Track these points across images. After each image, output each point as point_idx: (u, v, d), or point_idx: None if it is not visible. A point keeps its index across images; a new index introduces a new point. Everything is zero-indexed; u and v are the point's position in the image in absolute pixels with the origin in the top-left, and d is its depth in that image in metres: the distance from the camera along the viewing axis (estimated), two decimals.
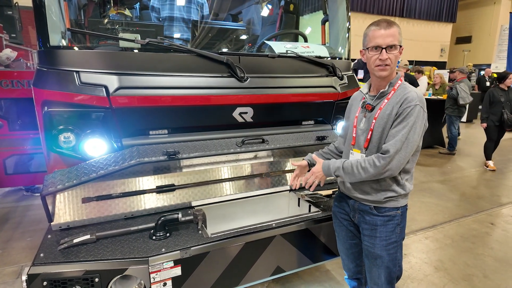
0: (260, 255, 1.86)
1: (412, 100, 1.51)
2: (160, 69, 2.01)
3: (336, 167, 1.63)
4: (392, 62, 1.54)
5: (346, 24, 2.83)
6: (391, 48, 1.51)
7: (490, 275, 2.91)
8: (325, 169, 1.68)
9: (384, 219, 1.63)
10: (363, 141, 1.64)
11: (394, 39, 1.51)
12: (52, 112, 1.81)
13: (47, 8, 1.85)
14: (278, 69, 2.37)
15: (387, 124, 1.55)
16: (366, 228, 1.68)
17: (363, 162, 1.55)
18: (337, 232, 1.91)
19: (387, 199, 1.61)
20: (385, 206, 1.62)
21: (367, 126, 1.63)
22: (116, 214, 1.91)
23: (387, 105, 1.57)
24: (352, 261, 1.89)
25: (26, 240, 3.33)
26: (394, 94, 1.57)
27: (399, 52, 1.55)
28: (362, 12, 15.45)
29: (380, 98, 1.62)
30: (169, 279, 1.61)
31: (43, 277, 1.46)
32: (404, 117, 1.50)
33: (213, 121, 2.21)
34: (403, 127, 1.50)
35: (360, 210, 1.69)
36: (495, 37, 18.92)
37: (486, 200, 4.70)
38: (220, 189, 2.21)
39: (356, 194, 1.68)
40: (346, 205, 1.79)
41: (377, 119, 1.58)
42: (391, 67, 1.55)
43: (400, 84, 1.61)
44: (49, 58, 1.88)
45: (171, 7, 2.96)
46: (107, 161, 1.82)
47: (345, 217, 1.82)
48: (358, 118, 1.70)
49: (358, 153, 1.68)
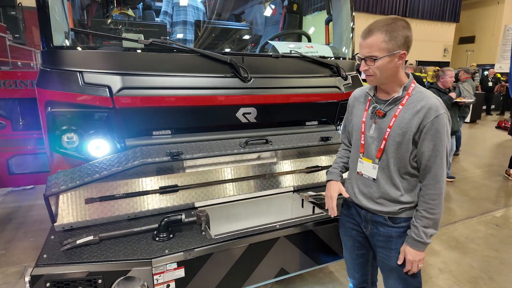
0: (264, 257, 1.84)
1: (437, 109, 1.38)
2: (163, 69, 2.00)
3: (428, 235, 1.44)
4: (376, 73, 1.42)
5: (350, 24, 2.81)
6: (370, 59, 1.40)
7: (496, 277, 2.88)
8: (419, 246, 1.46)
9: (399, 230, 1.53)
10: (375, 151, 1.53)
11: (371, 50, 1.39)
12: (56, 113, 1.81)
13: (51, 9, 1.84)
14: (282, 69, 2.35)
15: (406, 135, 1.42)
16: (380, 239, 1.59)
17: (427, 209, 1.43)
18: (344, 241, 1.83)
19: (402, 209, 1.51)
20: (400, 217, 1.52)
21: (379, 135, 1.50)
22: (119, 215, 1.90)
23: (403, 112, 1.44)
24: (357, 271, 1.82)
25: (29, 240, 3.33)
26: (410, 99, 1.44)
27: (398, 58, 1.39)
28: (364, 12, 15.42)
29: (393, 103, 1.48)
30: (173, 281, 1.60)
31: (46, 278, 1.45)
32: (434, 133, 1.38)
33: (216, 121, 2.20)
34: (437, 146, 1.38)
35: (373, 221, 1.59)
36: (499, 37, 18.82)
37: (491, 201, 4.66)
38: (224, 190, 2.20)
39: (368, 205, 1.58)
40: (356, 215, 1.69)
41: (392, 128, 1.45)
42: (378, 78, 1.44)
43: (414, 87, 1.47)
44: (52, 58, 1.88)
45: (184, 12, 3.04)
46: (110, 162, 1.81)
47: (353, 227, 1.73)
48: (366, 123, 1.57)
49: (368, 163, 1.56)
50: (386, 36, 1.36)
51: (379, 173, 1.53)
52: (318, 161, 2.51)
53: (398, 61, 1.41)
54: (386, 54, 1.38)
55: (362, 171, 1.61)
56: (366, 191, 1.59)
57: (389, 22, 1.38)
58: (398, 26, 1.37)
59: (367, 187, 1.59)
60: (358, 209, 1.67)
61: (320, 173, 2.50)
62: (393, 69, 1.42)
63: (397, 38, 1.37)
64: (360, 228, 1.70)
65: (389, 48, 1.37)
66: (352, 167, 1.70)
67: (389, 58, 1.39)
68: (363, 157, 1.59)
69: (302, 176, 2.44)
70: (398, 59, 1.40)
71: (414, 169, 1.48)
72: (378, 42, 1.37)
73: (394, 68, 1.42)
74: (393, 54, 1.38)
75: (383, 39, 1.37)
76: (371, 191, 1.57)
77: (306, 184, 2.44)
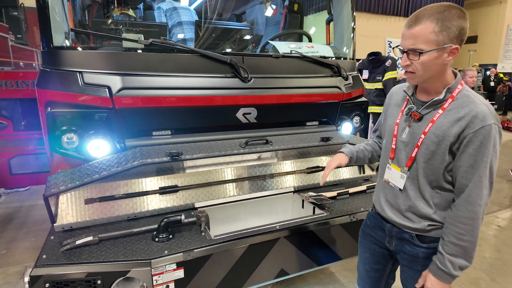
0: (264, 258, 1.84)
1: (485, 118, 1.15)
2: (164, 69, 2.00)
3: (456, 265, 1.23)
4: (419, 69, 1.20)
5: (351, 24, 2.80)
6: (414, 53, 1.18)
7: (498, 278, 2.86)
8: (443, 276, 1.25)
9: (428, 251, 1.34)
10: (405, 158, 1.35)
11: (417, 41, 1.17)
12: (55, 113, 1.81)
13: (51, 9, 1.85)
14: (282, 69, 2.35)
15: (441, 144, 1.23)
16: (405, 258, 1.42)
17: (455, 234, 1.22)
18: (361, 251, 1.67)
19: (433, 227, 1.32)
20: (430, 236, 1.33)
21: (412, 140, 1.32)
22: (119, 215, 1.90)
23: (442, 118, 1.24)
24: (368, 284, 1.67)
25: (30, 240, 3.34)
26: (453, 103, 1.23)
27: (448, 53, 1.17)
28: (366, 12, 15.36)
29: (433, 106, 1.28)
30: (172, 282, 1.60)
31: (46, 278, 1.45)
32: (478, 146, 1.16)
33: (216, 121, 2.19)
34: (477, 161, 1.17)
35: (399, 238, 1.42)
36: (501, 36, 18.72)
37: (493, 202, 4.63)
38: (224, 190, 2.19)
39: (394, 218, 1.41)
40: (380, 229, 1.52)
41: (427, 134, 1.26)
42: (419, 76, 1.22)
43: (460, 90, 1.24)
44: (52, 58, 1.88)
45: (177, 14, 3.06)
46: (110, 162, 1.81)
47: (375, 241, 1.56)
48: (399, 126, 1.39)
49: (397, 171, 1.38)
50: (437, 26, 1.14)
51: (407, 184, 1.36)
52: (318, 162, 2.50)
53: (447, 58, 1.18)
54: (434, 48, 1.16)
55: (389, 179, 1.44)
56: (393, 202, 1.43)
57: (441, 9, 1.15)
58: (453, 15, 1.14)
59: (394, 198, 1.42)
60: (383, 222, 1.50)
61: (320, 174, 2.49)
62: (440, 67, 1.20)
63: (450, 29, 1.14)
64: (382, 243, 1.53)
65: (439, 41, 1.15)
66: (380, 173, 1.53)
67: (437, 53, 1.16)
68: (392, 163, 1.42)
69: (302, 177, 2.43)
70: (448, 54, 1.18)
71: (449, 183, 1.29)
72: (426, 33, 1.15)
73: (441, 66, 1.20)
74: (442, 48, 1.16)
75: (433, 29, 1.14)
76: (398, 202, 1.40)
77: (307, 185, 2.43)
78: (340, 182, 2.55)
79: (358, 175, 2.62)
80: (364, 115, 2.74)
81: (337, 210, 2.11)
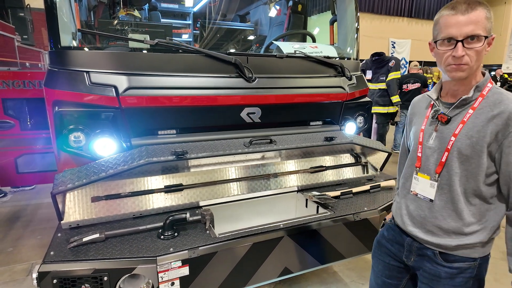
0: (268, 256, 1.85)
1: None
2: (169, 69, 2.02)
3: None
4: (472, 61, 1.11)
5: (355, 24, 2.81)
6: (473, 40, 1.08)
7: (501, 279, 2.85)
8: None
9: (451, 271, 1.22)
10: (434, 164, 1.25)
11: (478, 27, 1.07)
12: (63, 112, 1.84)
13: (58, 10, 1.88)
14: (286, 70, 2.36)
15: (476, 146, 1.14)
16: (425, 276, 1.30)
17: None
18: (374, 263, 1.56)
19: (460, 243, 1.20)
20: (456, 254, 1.22)
21: (441, 145, 1.23)
22: (125, 213, 1.92)
23: (473, 118, 1.16)
24: None
25: (36, 238, 3.37)
26: (484, 101, 1.16)
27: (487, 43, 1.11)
28: (369, 13, 15.34)
29: (461, 107, 1.20)
30: (177, 279, 1.62)
31: (53, 275, 1.47)
32: None
33: (221, 121, 2.21)
34: None
35: (419, 254, 1.31)
36: (506, 37, 18.60)
37: None
38: (228, 189, 2.21)
39: (416, 233, 1.29)
40: (398, 242, 1.40)
41: (458, 136, 1.17)
42: (470, 67, 1.13)
43: (490, 88, 1.18)
44: (60, 58, 1.91)
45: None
46: (116, 161, 1.83)
47: (390, 254, 1.45)
48: (425, 132, 1.29)
49: (425, 180, 1.28)
50: (488, 13, 1.08)
51: (437, 193, 1.25)
52: (322, 161, 2.51)
53: (487, 48, 1.13)
54: (488, 35, 1.10)
55: (416, 190, 1.32)
56: (416, 214, 1.31)
57: None
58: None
59: (418, 210, 1.31)
60: (403, 236, 1.38)
61: (324, 173, 2.50)
62: (482, 59, 1.14)
63: (491, 18, 1.10)
64: (398, 257, 1.41)
65: (489, 29, 1.09)
66: (403, 185, 1.42)
67: (486, 42, 1.11)
68: (419, 172, 1.31)
69: (306, 176, 2.44)
70: (488, 45, 1.13)
71: (488, 192, 1.19)
72: (483, 19, 1.08)
73: (482, 58, 1.14)
74: (490, 37, 1.10)
75: (485, 15, 1.08)
76: (422, 214, 1.29)
77: (310, 184, 2.44)
78: (344, 181, 2.56)
79: (362, 175, 2.63)
80: (368, 115, 2.74)
81: (341, 210, 2.12)
